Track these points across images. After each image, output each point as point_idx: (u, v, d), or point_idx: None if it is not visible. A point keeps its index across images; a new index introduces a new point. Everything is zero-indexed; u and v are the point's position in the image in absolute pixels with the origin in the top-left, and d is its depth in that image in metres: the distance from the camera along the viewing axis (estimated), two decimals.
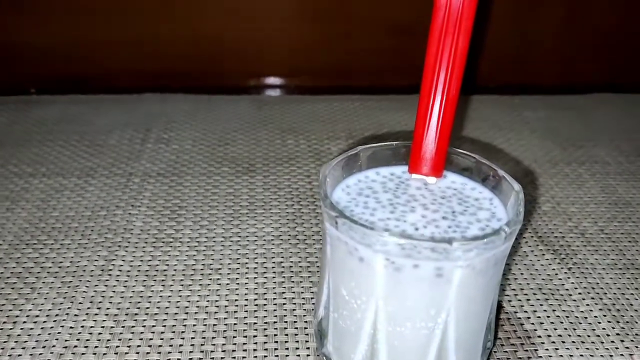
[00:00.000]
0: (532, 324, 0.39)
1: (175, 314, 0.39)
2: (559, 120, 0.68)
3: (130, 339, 0.37)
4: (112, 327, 0.38)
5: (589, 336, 0.38)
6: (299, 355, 0.36)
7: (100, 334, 0.38)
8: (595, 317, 0.40)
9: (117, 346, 0.37)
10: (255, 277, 0.43)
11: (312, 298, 0.41)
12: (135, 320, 0.39)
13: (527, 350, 0.37)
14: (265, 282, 0.42)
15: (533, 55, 0.75)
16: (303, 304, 0.40)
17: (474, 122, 0.66)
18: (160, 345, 0.37)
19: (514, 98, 0.72)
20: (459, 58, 0.30)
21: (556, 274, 0.44)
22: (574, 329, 0.39)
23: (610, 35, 0.75)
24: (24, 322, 0.38)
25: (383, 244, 0.27)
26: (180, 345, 0.37)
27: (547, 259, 0.45)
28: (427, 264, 0.27)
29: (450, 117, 0.31)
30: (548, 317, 0.40)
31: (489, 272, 0.28)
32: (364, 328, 0.30)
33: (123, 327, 0.38)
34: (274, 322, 0.39)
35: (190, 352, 0.37)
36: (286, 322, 0.39)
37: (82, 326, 0.38)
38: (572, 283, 0.43)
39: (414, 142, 0.32)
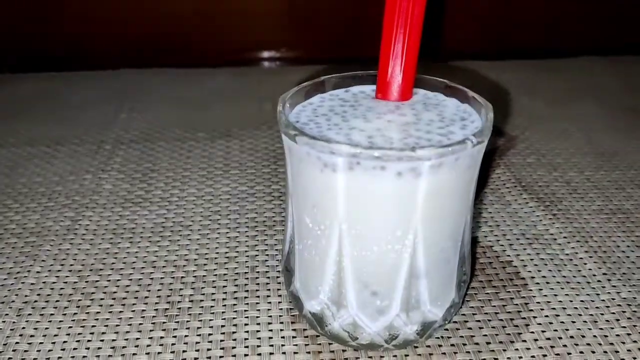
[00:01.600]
0: (515, 266, 0.38)
1: (142, 268, 0.38)
2: (544, 81, 0.66)
3: (93, 293, 0.36)
4: (75, 282, 0.37)
5: (574, 277, 0.37)
6: (269, 303, 0.35)
7: (62, 289, 0.36)
8: (581, 258, 0.38)
9: (80, 300, 0.35)
10: (227, 232, 0.41)
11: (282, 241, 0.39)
12: (100, 275, 0.37)
13: (509, 292, 0.36)
14: (237, 236, 0.41)
15: (516, 20, 0.74)
16: (276, 254, 0.39)
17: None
18: (124, 298, 0.35)
19: (497, 62, 0.71)
20: None
21: (540, 220, 0.42)
22: (559, 270, 0.37)
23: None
24: None
25: (343, 155, 0.25)
26: (146, 297, 0.35)
27: (531, 207, 0.44)
28: (392, 165, 0.25)
29: (416, 36, 0.29)
30: (532, 260, 0.38)
31: (457, 180, 0.26)
32: (329, 256, 0.28)
33: (86, 282, 0.37)
34: (245, 273, 0.37)
35: (156, 303, 0.35)
36: (258, 272, 0.37)
37: (44, 282, 0.37)
38: (557, 228, 0.41)
39: (379, 66, 0.30)
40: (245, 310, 0.34)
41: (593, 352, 0.31)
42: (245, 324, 0.33)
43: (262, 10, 0.71)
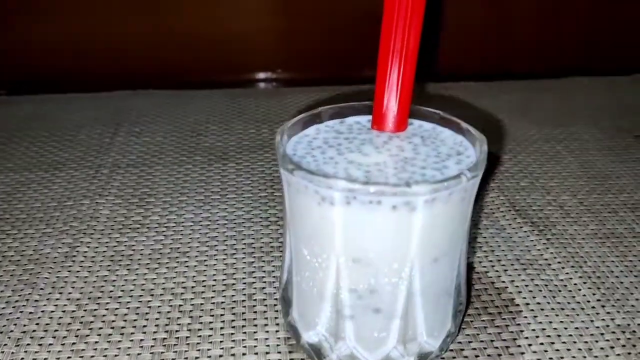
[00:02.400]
0: (510, 293, 0.38)
1: (140, 296, 0.38)
2: (536, 103, 0.67)
3: (91, 322, 0.36)
4: (73, 310, 0.37)
5: (569, 303, 0.37)
6: (267, 332, 0.35)
7: (60, 318, 0.36)
8: (575, 284, 0.39)
9: (78, 329, 0.35)
10: (224, 258, 0.41)
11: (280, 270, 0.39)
12: (98, 303, 0.37)
13: (504, 319, 0.36)
14: (234, 263, 0.41)
15: (508, 41, 0.75)
16: (273, 281, 0.39)
17: (449, 107, 0.64)
18: (123, 327, 0.35)
19: (490, 83, 0.71)
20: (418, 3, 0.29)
21: (534, 245, 0.43)
22: (554, 297, 0.38)
23: (586, 19, 0.75)
24: None
25: (340, 189, 0.25)
26: (144, 326, 0.35)
27: (525, 231, 0.44)
28: (388, 199, 0.25)
29: (411, 67, 0.30)
30: (526, 286, 0.39)
31: (452, 213, 0.27)
32: (327, 288, 0.28)
33: (85, 310, 0.37)
34: (243, 301, 0.37)
35: (154, 332, 0.35)
36: (255, 300, 0.38)
37: (42, 311, 0.37)
38: (551, 253, 0.42)
39: (375, 97, 0.31)
40: (243, 340, 0.34)
41: None
42: (243, 354, 0.33)
43: (258, 31, 0.72)
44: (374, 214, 0.26)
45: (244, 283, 0.39)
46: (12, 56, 0.70)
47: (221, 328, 0.35)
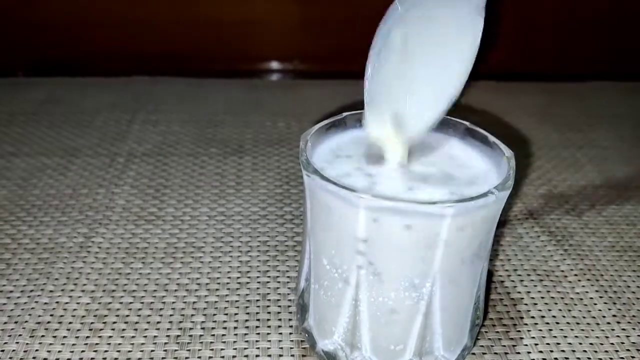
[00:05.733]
0: (526, 304, 0.38)
1: (154, 291, 0.38)
2: (557, 106, 0.66)
3: (105, 316, 0.36)
4: (87, 303, 0.37)
5: (584, 317, 0.37)
6: (281, 333, 0.35)
7: (75, 310, 0.36)
8: (591, 298, 0.38)
9: (92, 322, 0.35)
10: (239, 256, 0.41)
11: (297, 276, 0.39)
12: (112, 297, 0.37)
13: (519, 331, 0.36)
14: (249, 261, 0.41)
15: (530, 42, 0.74)
16: (287, 282, 0.39)
17: (468, 108, 0.64)
18: (136, 322, 0.35)
19: (510, 84, 0.71)
20: None
21: (552, 256, 0.42)
22: (569, 310, 0.37)
23: (609, 22, 0.73)
24: None
25: (366, 204, 0.25)
26: (158, 322, 0.35)
27: (543, 241, 0.44)
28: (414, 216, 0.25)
29: None
30: (542, 298, 0.38)
31: (477, 231, 0.27)
32: (345, 299, 0.28)
33: (99, 303, 0.37)
34: (257, 300, 0.37)
35: (168, 329, 0.35)
36: (269, 300, 0.37)
37: (57, 302, 0.37)
38: (568, 265, 0.41)
39: None
40: (256, 341, 0.34)
41: None
42: (257, 355, 0.33)
43: (276, 21, 0.71)
44: (398, 230, 0.25)
45: (259, 282, 0.39)
46: (30, 37, 0.70)
47: (235, 328, 0.35)
